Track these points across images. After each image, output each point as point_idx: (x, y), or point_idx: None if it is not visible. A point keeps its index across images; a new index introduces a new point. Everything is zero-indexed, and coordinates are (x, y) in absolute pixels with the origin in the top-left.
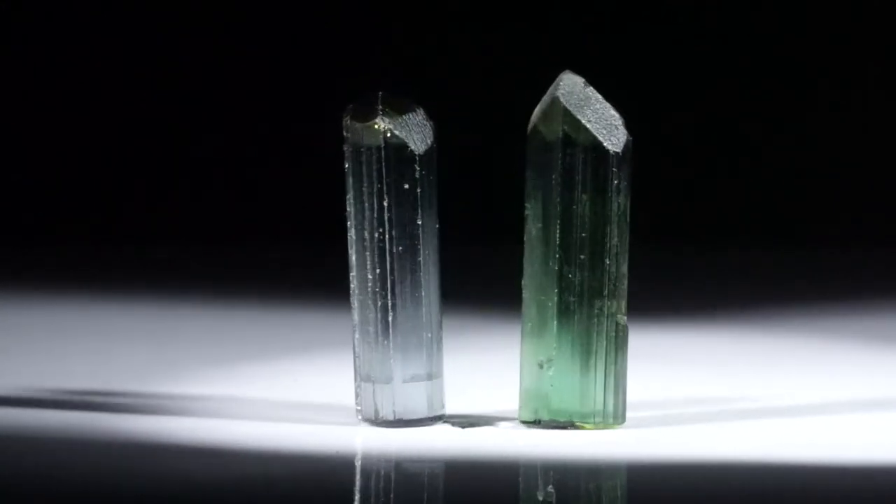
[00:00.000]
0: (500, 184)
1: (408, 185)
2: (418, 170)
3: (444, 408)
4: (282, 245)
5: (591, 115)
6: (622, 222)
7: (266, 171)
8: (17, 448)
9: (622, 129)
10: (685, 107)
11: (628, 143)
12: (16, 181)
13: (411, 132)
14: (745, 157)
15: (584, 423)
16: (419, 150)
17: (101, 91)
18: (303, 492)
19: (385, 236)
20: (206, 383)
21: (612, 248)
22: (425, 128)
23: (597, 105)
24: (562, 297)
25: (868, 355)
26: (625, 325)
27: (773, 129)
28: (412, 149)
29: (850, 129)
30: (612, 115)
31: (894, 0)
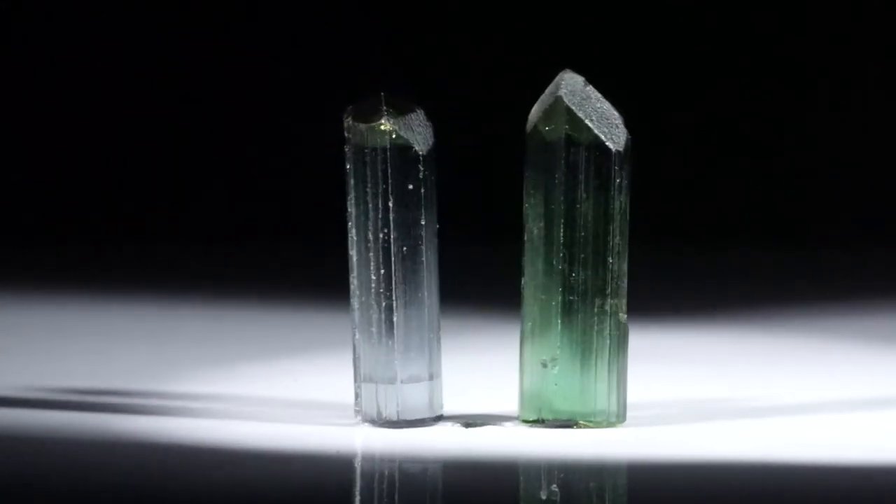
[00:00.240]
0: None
1: (412, 186)
2: (422, 170)
3: (442, 408)
4: (282, 245)
5: (593, 113)
6: (623, 221)
7: (266, 171)
8: (17, 448)
9: (622, 127)
10: (685, 107)
11: (628, 141)
12: (16, 181)
13: (414, 133)
14: (745, 157)
15: (588, 421)
16: (422, 150)
17: (101, 91)
18: (303, 492)
19: (390, 237)
20: (206, 383)
21: (614, 247)
22: (426, 128)
23: (597, 104)
24: (565, 296)
25: (868, 355)
26: (625, 323)
27: (773, 129)
28: (416, 149)
29: (850, 129)
30: (612, 114)
31: (894, 0)
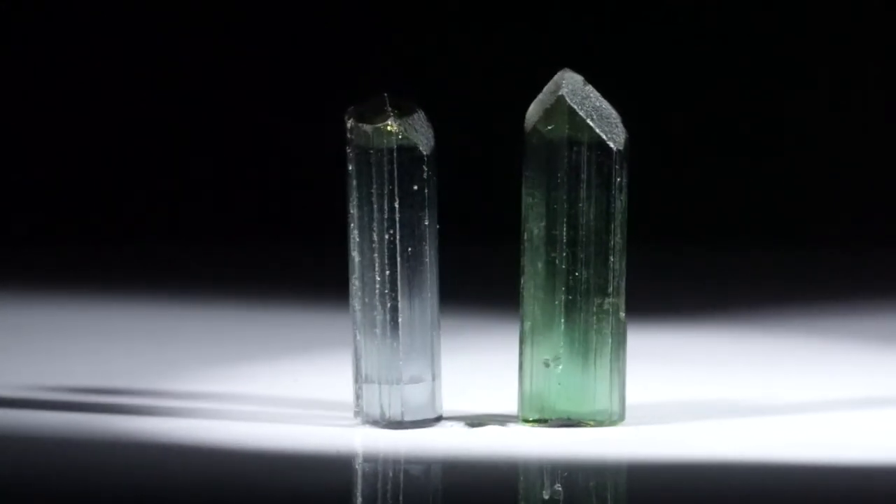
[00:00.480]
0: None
1: (416, 187)
2: (426, 170)
3: (442, 408)
4: (282, 245)
5: (593, 112)
6: (623, 219)
7: (266, 171)
8: (17, 448)
9: (621, 126)
10: (685, 107)
11: (627, 140)
12: (16, 181)
13: (418, 133)
14: (745, 157)
15: (591, 420)
16: (426, 151)
17: (101, 91)
18: (303, 492)
19: (395, 238)
20: (206, 383)
21: (614, 245)
22: (428, 129)
23: (596, 102)
24: (567, 295)
25: (868, 355)
26: (624, 321)
27: (773, 129)
28: (421, 150)
29: (850, 129)
30: (611, 113)
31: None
